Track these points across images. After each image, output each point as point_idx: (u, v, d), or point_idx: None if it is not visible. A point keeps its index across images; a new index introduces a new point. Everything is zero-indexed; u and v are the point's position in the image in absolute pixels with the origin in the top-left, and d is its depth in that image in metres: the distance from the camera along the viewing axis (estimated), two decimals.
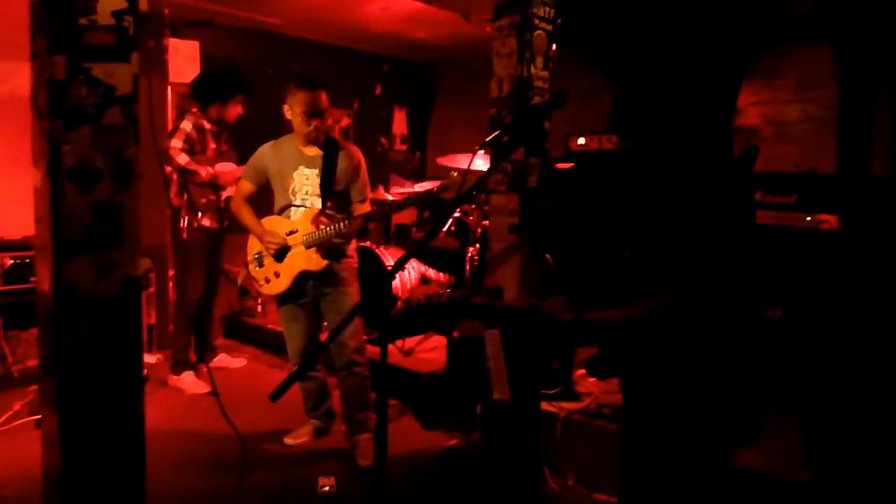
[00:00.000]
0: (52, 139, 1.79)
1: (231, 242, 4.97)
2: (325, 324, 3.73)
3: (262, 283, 3.64)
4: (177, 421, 4.04)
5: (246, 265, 3.74)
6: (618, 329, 1.58)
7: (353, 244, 3.67)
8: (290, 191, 3.51)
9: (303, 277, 3.50)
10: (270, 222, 3.58)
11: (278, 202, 3.58)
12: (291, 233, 3.50)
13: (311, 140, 3.48)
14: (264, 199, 3.69)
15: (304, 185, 3.50)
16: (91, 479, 1.94)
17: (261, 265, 3.63)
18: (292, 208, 3.52)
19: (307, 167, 3.50)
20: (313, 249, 3.44)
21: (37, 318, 1.97)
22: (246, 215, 3.62)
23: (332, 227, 3.36)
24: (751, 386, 1.63)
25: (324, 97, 3.45)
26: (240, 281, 5.69)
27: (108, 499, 1.99)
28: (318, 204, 3.47)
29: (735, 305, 1.55)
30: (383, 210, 3.69)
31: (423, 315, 4.88)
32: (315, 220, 3.42)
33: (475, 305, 1.58)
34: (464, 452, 3.69)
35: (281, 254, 3.52)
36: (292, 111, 3.46)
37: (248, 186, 3.63)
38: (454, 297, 4.37)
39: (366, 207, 3.60)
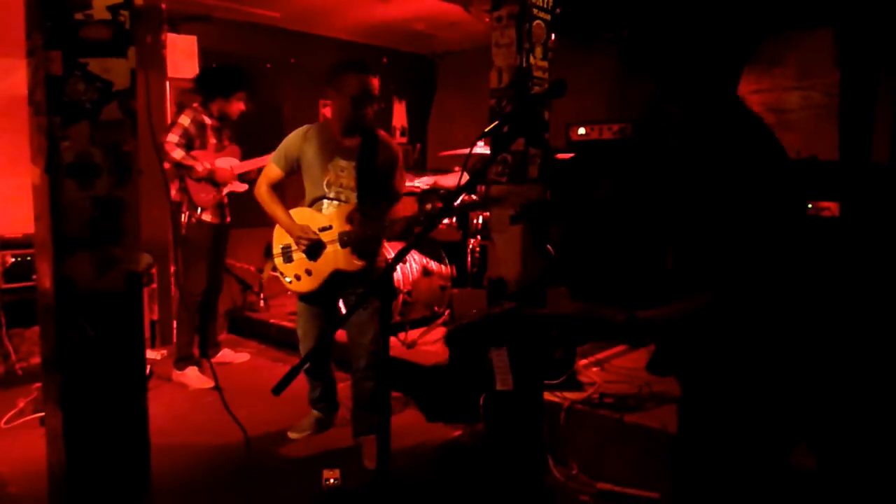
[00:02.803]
0: (50, 135, 1.79)
1: (235, 237, 4.98)
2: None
3: (290, 279, 3.43)
4: (181, 416, 4.05)
5: (272, 258, 3.51)
6: (669, 327, 1.57)
7: (384, 245, 3.50)
8: (325, 182, 3.29)
9: (335, 277, 3.31)
10: (300, 215, 3.35)
11: (310, 193, 3.35)
12: (324, 229, 3.29)
13: (353, 128, 3.26)
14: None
15: (340, 177, 3.27)
16: (96, 475, 1.95)
17: (289, 260, 3.41)
18: (325, 201, 3.31)
19: (343, 158, 3.27)
20: (349, 249, 3.25)
21: (38, 316, 1.97)
22: (272, 204, 3.38)
23: (373, 227, 3.18)
24: (803, 385, 1.61)
25: (376, 82, 3.23)
26: (265, 275, 5.67)
27: (113, 494, 2.00)
28: (354, 199, 3.26)
29: (789, 302, 1.53)
30: (427, 214, 3.52)
31: (477, 332, 4.73)
32: (351, 217, 3.24)
33: (530, 316, 1.56)
34: (467, 444, 3.70)
35: (314, 251, 3.31)
36: (339, 95, 3.22)
37: (276, 172, 3.38)
38: (506, 310, 4.17)
39: (399, 205, 3.41)
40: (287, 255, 3.44)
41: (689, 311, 1.52)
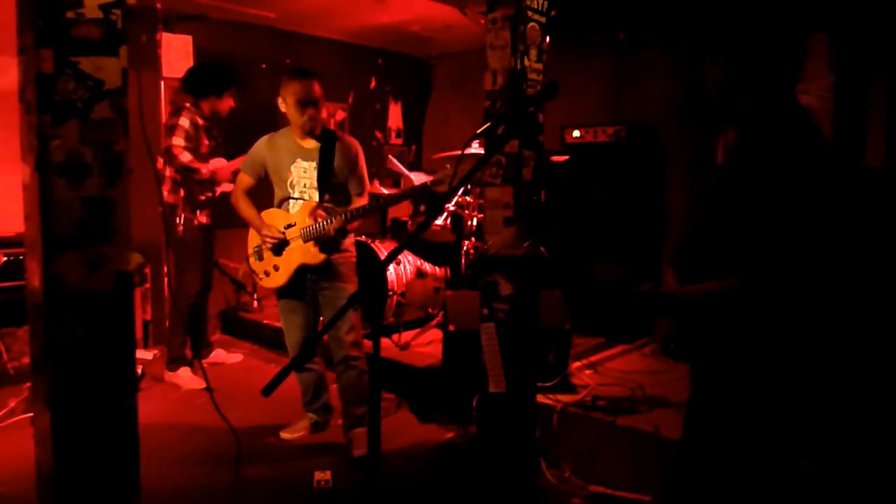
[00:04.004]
0: (40, 134, 1.78)
1: (222, 237, 4.97)
2: (322, 318, 3.71)
3: (261, 276, 3.64)
4: (173, 416, 4.04)
5: (246, 259, 3.73)
6: (689, 303, 1.57)
7: (351, 238, 3.65)
8: (288, 183, 3.50)
9: (301, 271, 3.50)
10: (269, 215, 3.57)
11: (277, 195, 3.58)
12: (289, 226, 3.49)
13: (306, 130, 3.45)
14: (265, 193, 3.67)
15: (302, 177, 3.49)
16: (85, 476, 1.94)
17: (260, 259, 3.63)
18: (290, 201, 3.51)
19: (304, 160, 3.48)
20: (311, 243, 3.44)
21: (27, 315, 1.96)
22: (245, 208, 3.61)
23: (329, 221, 3.36)
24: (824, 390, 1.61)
25: (316, 87, 3.42)
26: (241, 274, 5.69)
27: (102, 495, 1.99)
28: (316, 196, 3.45)
29: (816, 301, 1.53)
30: (378, 203, 3.67)
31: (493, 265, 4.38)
32: (313, 213, 3.42)
33: (565, 266, 1.55)
34: (460, 446, 3.70)
35: (279, 247, 3.52)
36: (286, 103, 3.44)
37: (247, 180, 3.62)
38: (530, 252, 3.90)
39: (364, 201, 3.57)
40: (258, 254, 3.65)
41: (712, 291, 1.52)
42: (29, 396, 3.78)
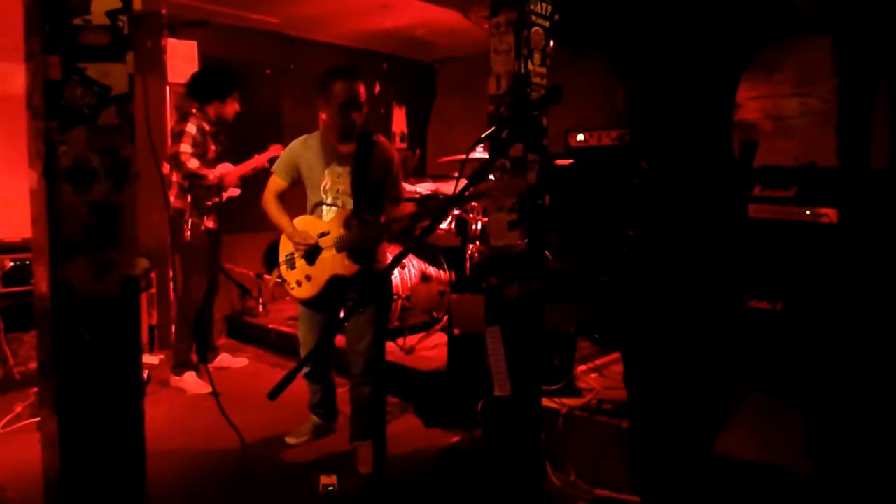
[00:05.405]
0: (47, 140, 1.79)
1: (227, 241, 4.98)
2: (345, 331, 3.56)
3: (293, 286, 3.51)
4: (178, 421, 4.05)
5: (277, 266, 3.60)
6: (645, 296, 1.61)
7: (384, 249, 3.54)
8: (322, 189, 3.38)
9: (334, 282, 3.38)
10: (303, 222, 3.45)
11: (310, 200, 3.45)
12: (323, 234, 3.37)
13: (347, 134, 3.33)
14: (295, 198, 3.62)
15: (336, 183, 3.36)
16: (91, 481, 1.94)
17: (292, 267, 3.50)
18: (324, 207, 3.39)
19: (339, 164, 3.36)
20: (345, 253, 3.31)
21: (34, 320, 1.97)
22: (276, 213, 3.49)
23: (369, 231, 3.22)
24: (731, 371, 1.66)
25: (362, 89, 3.33)
26: (271, 281, 5.69)
27: (109, 499, 1.99)
28: (351, 204, 3.33)
29: (723, 292, 1.57)
30: (416, 217, 3.50)
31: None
32: (347, 223, 3.29)
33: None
34: (465, 450, 3.70)
35: (311, 255, 3.39)
36: (328, 103, 3.32)
37: (279, 182, 3.50)
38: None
39: (399, 210, 3.44)
40: (290, 263, 3.51)
41: (662, 284, 1.56)
42: (36, 401, 3.80)
